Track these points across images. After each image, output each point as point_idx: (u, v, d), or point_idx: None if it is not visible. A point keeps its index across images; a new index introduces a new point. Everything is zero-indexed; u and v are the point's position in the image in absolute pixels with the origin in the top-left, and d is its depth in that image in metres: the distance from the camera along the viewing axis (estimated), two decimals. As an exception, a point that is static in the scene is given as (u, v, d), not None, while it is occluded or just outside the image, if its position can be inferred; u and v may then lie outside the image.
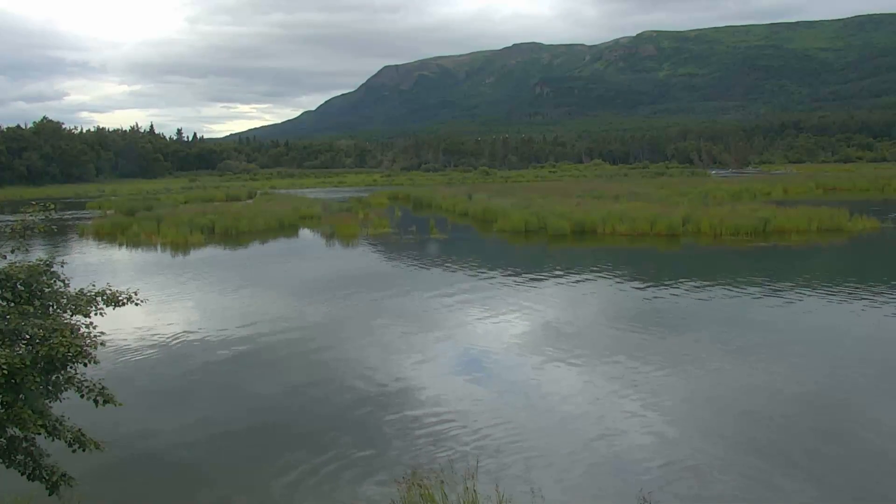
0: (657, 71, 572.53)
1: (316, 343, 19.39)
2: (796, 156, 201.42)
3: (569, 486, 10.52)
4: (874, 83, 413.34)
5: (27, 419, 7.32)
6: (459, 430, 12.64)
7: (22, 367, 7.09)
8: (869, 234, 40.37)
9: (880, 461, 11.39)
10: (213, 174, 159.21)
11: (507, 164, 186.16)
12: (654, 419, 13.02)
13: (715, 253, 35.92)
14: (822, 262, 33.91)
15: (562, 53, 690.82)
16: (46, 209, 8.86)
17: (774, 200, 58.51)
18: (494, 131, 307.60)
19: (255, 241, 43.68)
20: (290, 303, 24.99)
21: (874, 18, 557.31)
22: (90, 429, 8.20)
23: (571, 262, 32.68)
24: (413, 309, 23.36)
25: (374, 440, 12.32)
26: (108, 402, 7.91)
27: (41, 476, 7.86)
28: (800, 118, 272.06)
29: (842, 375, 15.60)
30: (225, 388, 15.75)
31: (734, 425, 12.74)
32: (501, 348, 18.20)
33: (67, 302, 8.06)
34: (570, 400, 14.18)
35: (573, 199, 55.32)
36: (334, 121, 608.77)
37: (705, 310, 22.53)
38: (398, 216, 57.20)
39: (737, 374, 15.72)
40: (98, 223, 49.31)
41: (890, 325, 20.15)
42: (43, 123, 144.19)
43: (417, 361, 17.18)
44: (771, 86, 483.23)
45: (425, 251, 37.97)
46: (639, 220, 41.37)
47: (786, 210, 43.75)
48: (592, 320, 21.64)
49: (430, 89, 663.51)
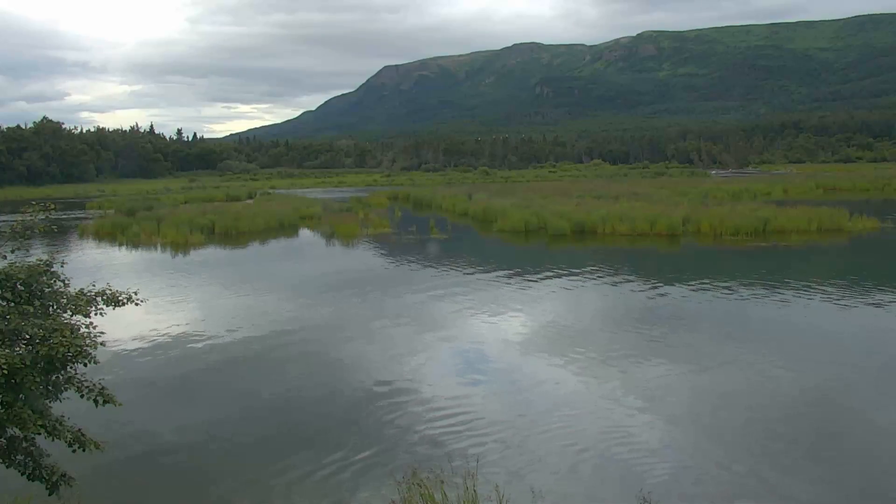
0: (657, 71, 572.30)
1: (316, 343, 19.40)
2: (796, 156, 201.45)
3: (569, 486, 10.52)
4: (874, 83, 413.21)
5: (27, 419, 7.32)
6: (459, 430, 12.63)
7: (22, 367, 7.10)
8: (869, 234, 40.37)
9: (880, 461, 11.39)
10: (212, 174, 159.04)
11: (507, 164, 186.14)
12: (654, 419, 13.02)
13: (715, 253, 35.92)
14: (822, 262, 33.91)
15: (562, 53, 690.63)
16: (46, 209, 8.85)
17: (774, 200, 58.51)
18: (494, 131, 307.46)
19: (254, 241, 43.67)
20: (290, 303, 24.98)
21: (874, 18, 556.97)
22: (90, 429, 8.20)
23: (571, 262, 32.67)
24: (413, 309, 23.35)
25: (374, 440, 12.31)
26: (108, 402, 7.91)
27: (41, 476, 7.87)
28: (800, 118, 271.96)
29: (842, 375, 15.60)
30: (225, 387, 15.75)
31: (734, 425, 12.73)
32: (501, 348, 18.20)
33: (67, 302, 8.06)
34: (570, 400, 14.19)
35: (573, 199, 55.34)
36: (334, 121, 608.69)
37: (705, 310, 22.52)
38: (398, 216, 57.20)
39: (736, 374, 15.72)
40: (98, 223, 49.27)
41: (890, 325, 20.15)
42: (43, 123, 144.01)
43: (417, 361, 17.18)
44: (771, 86, 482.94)
45: (425, 251, 37.96)
46: (639, 220, 41.37)
47: (786, 210, 43.77)
48: (592, 320, 21.65)
49: (430, 89, 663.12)
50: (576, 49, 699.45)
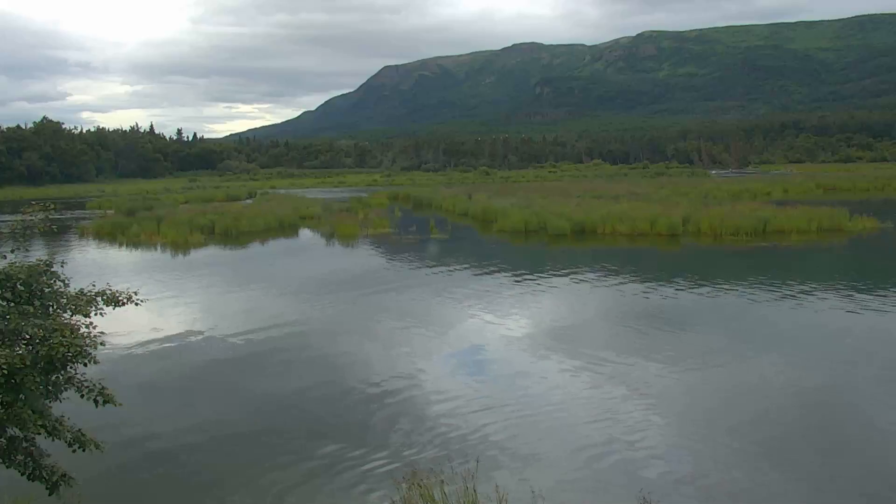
0: (657, 71, 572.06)
1: (315, 343, 19.40)
2: (796, 156, 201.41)
3: (569, 486, 10.52)
4: (874, 83, 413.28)
5: (27, 419, 7.32)
6: (459, 429, 12.63)
7: (22, 367, 7.09)
8: (869, 234, 40.36)
9: (881, 461, 11.40)
10: (212, 174, 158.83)
11: (507, 164, 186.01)
12: (654, 419, 13.02)
13: (715, 253, 35.91)
14: (822, 262, 33.91)
15: (562, 53, 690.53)
16: (46, 209, 8.85)
17: (774, 200, 58.49)
18: (494, 131, 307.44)
19: (254, 241, 43.67)
20: (289, 303, 24.99)
21: (874, 18, 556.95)
22: (90, 429, 8.19)
23: (571, 262, 32.67)
24: (413, 309, 23.35)
25: (374, 440, 12.31)
26: (108, 402, 7.90)
27: (41, 476, 7.85)
28: (800, 118, 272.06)
29: (842, 375, 15.61)
30: (224, 387, 15.75)
31: (734, 425, 12.72)
32: (501, 348, 18.21)
33: (67, 302, 8.05)
34: (570, 399, 14.19)
35: (573, 199, 55.30)
36: (334, 121, 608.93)
37: (705, 310, 22.53)
38: (398, 216, 57.18)
39: (737, 374, 15.72)
40: (98, 223, 49.28)
41: (890, 325, 20.15)
42: (43, 123, 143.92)
43: (417, 361, 17.17)
44: (771, 86, 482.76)
45: (425, 251, 37.96)
46: (639, 220, 41.36)
47: (786, 210, 43.73)
48: (592, 320, 21.65)
49: (430, 89, 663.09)
50: (576, 49, 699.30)
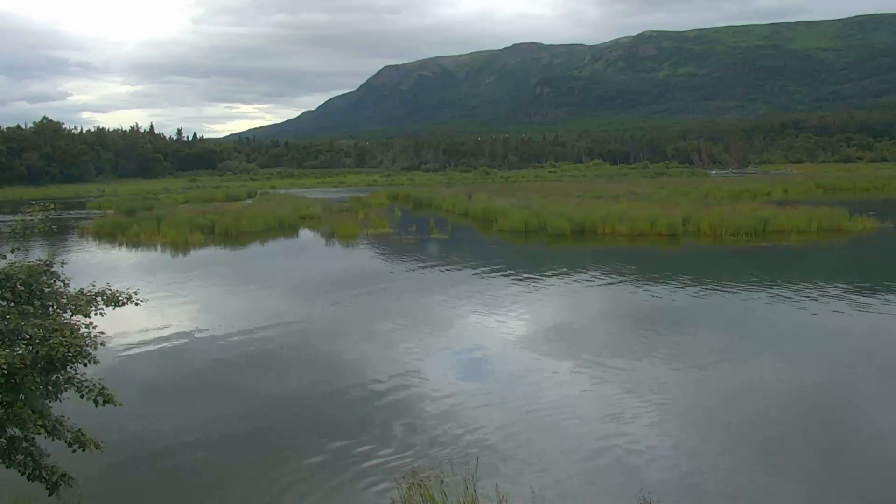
0: (657, 71, 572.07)
1: (315, 343, 19.41)
2: (796, 156, 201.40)
3: (569, 486, 10.52)
4: (874, 83, 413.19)
5: (27, 419, 7.32)
6: (459, 430, 12.63)
7: (22, 367, 7.09)
8: (869, 234, 40.36)
9: (881, 461, 11.39)
10: (212, 174, 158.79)
11: (507, 164, 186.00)
12: (654, 419, 13.02)
13: (715, 253, 35.91)
14: (822, 262, 33.91)
15: (562, 53, 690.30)
16: (46, 209, 8.85)
17: (774, 200, 58.49)
18: (494, 131, 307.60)
19: (254, 241, 43.66)
20: (289, 302, 24.99)
21: (874, 18, 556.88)
22: (90, 429, 8.19)
23: (571, 262, 32.67)
24: (413, 309, 23.36)
25: (374, 440, 12.31)
26: (108, 402, 7.90)
27: (41, 476, 7.85)
28: (800, 118, 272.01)
29: (842, 375, 15.61)
30: (225, 387, 15.75)
31: (734, 425, 12.73)
32: (501, 348, 18.21)
33: (67, 302, 8.05)
34: (570, 399, 14.19)
35: (573, 199, 55.30)
36: (334, 121, 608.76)
37: (705, 310, 22.53)
38: (398, 216, 57.17)
39: (736, 374, 15.72)
40: (98, 223, 49.26)
41: (890, 325, 20.14)
42: (43, 123, 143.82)
43: (417, 361, 17.17)
44: (771, 86, 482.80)
45: (425, 251, 37.95)
46: (639, 220, 41.35)
47: (786, 210, 43.72)
48: (592, 320, 21.65)
49: (430, 89, 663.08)
50: (576, 49, 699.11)
